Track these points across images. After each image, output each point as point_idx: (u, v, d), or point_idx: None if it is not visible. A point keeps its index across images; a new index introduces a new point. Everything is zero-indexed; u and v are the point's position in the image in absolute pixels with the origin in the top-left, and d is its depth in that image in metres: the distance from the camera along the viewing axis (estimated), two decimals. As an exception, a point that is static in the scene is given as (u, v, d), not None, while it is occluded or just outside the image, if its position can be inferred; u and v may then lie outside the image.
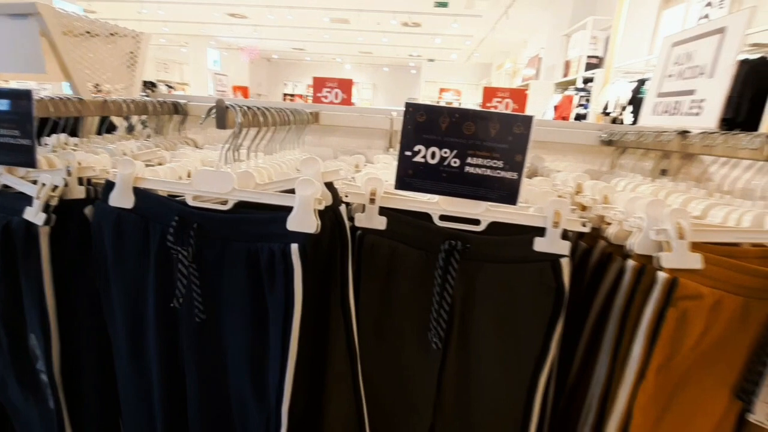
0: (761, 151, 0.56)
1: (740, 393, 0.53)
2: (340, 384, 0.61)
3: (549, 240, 0.55)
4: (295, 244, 0.54)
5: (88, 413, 0.74)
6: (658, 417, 0.54)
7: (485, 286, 0.57)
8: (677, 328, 0.50)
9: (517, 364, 0.60)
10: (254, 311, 0.59)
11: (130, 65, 1.22)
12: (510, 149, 0.55)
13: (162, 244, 0.60)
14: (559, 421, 0.64)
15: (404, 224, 0.59)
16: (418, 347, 0.61)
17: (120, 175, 0.60)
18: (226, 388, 0.63)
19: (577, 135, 1.02)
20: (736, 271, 0.49)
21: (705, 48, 0.98)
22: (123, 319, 0.65)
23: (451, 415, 0.62)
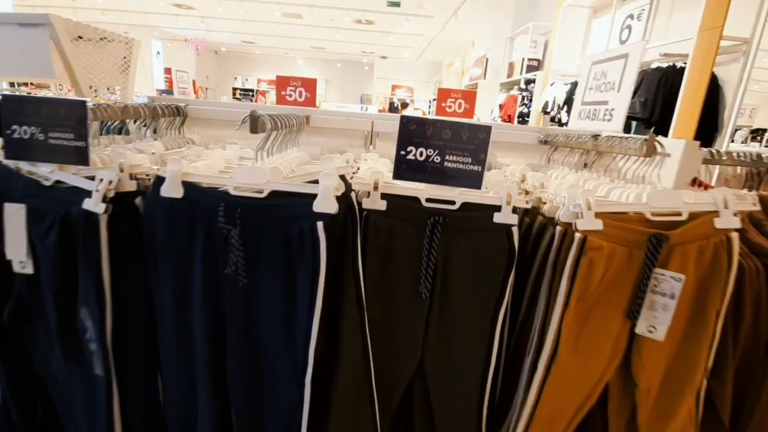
0: (641, 150, 0.82)
1: (630, 314, 0.78)
2: (351, 330, 0.80)
3: (504, 214, 0.78)
4: (321, 222, 0.72)
5: (133, 375, 0.86)
6: (578, 333, 0.78)
7: (459, 250, 0.79)
8: (587, 270, 0.74)
9: (483, 306, 0.82)
10: (286, 276, 0.76)
11: (124, 70, 1.31)
12: (476, 150, 0.76)
13: (209, 226, 0.75)
14: (514, 348, 0.88)
15: (400, 205, 0.78)
16: (411, 298, 0.81)
17: (170, 171, 0.74)
18: (261, 339, 0.79)
19: (522, 136, 1.27)
20: (623, 230, 0.74)
21: (614, 68, 1.26)
22: (170, 290, 0.79)
23: (435, 348, 0.83)
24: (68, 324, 0.83)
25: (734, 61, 3.49)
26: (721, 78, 3.60)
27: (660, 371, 0.80)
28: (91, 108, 0.76)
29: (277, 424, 0.82)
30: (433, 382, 0.86)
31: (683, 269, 0.74)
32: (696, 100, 3.52)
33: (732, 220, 0.74)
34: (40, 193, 0.78)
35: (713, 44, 3.35)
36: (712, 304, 0.76)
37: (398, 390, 0.86)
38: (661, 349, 0.78)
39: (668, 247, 0.74)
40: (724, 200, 0.74)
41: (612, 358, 0.80)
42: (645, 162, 0.95)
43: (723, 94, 3.62)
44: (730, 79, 3.52)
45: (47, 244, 0.77)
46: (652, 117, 3.92)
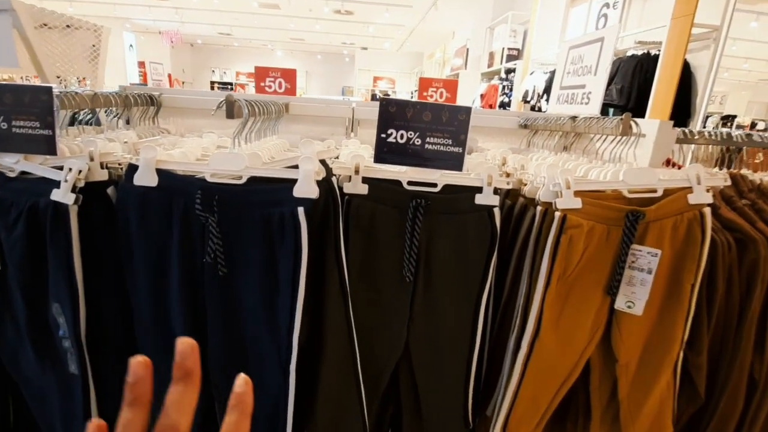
0: (617, 130, 0.84)
1: (609, 290, 0.80)
2: (335, 316, 0.80)
3: (485, 195, 0.78)
4: (302, 207, 0.70)
5: (110, 372, 0.84)
6: (559, 311, 0.79)
7: (442, 232, 0.79)
8: (567, 248, 0.75)
9: (466, 288, 0.82)
10: (267, 263, 0.74)
11: (93, 59, 1.25)
12: (456, 131, 0.76)
13: (185, 214, 0.73)
14: (498, 329, 0.89)
15: (381, 189, 0.78)
16: (394, 282, 0.81)
17: (144, 158, 0.71)
18: (243, 328, 0.78)
19: (502, 120, 1.28)
20: (601, 208, 0.75)
21: (591, 52, 1.27)
22: (146, 282, 0.77)
23: (420, 331, 0.84)
24: (39, 321, 0.80)
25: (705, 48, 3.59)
26: (693, 65, 3.70)
27: (639, 345, 0.82)
28: (57, 95, 0.73)
29: (263, 412, 0.81)
30: (418, 366, 0.86)
31: (659, 244, 0.76)
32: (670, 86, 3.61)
33: (704, 196, 0.76)
34: (5, 185, 0.74)
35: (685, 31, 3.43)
36: (687, 278, 0.78)
37: (384, 374, 0.86)
38: (640, 323, 0.80)
39: (644, 223, 0.76)
40: (696, 176, 0.76)
41: (593, 334, 0.82)
42: (621, 142, 0.96)
43: (695, 81, 3.72)
44: (701, 65, 3.62)
45: (14, 237, 0.74)
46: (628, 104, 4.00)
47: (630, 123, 0.84)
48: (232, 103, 0.75)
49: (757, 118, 4.34)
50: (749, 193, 0.96)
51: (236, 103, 0.75)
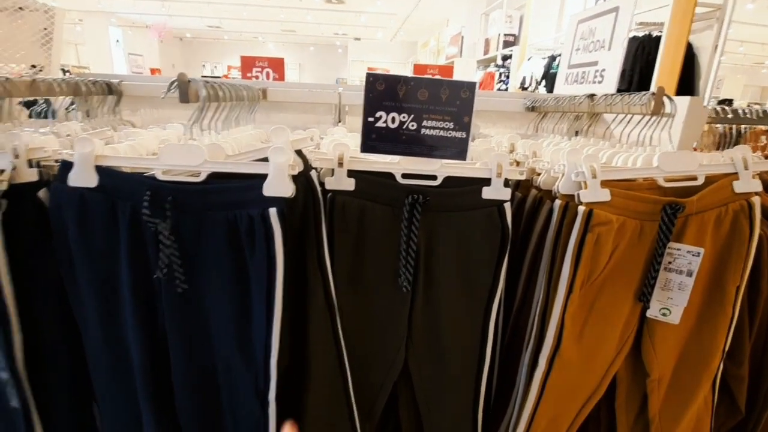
0: (648, 107, 0.71)
1: (641, 296, 0.68)
2: (320, 334, 0.68)
3: (494, 188, 0.66)
4: (274, 208, 0.58)
5: (58, 405, 0.72)
6: (583, 321, 0.68)
7: (444, 233, 0.67)
8: (594, 249, 0.63)
9: (474, 297, 0.70)
10: (236, 276, 0.62)
11: (45, 43, 1.11)
12: (458, 112, 0.63)
13: (133, 220, 0.60)
14: (509, 340, 0.77)
15: (370, 184, 0.65)
16: (390, 292, 0.69)
17: (79, 154, 0.58)
18: (211, 353, 0.66)
19: (506, 103, 1.15)
20: (633, 200, 0.63)
21: (603, 24, 1.14)
22: (93, 300, 0.65)
23: (421, 348, 0.72)
24: (-29, 349, 0.67)
25: (708, 28, 3.45)
26: (696, 46, 3.56)
27: (673, 358, 0.71)
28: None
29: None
30: (420, 386, 0.74)
31: (700, 241, 0.64)
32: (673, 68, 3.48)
33: (752, 183, 0.65)
34: None
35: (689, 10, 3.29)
36: (732, 280, 0.66)
37: (381, 398, 0.75)
38: (675, 333, 0.69)
39: (683, 217, 0.64)
40: (743, 160, 0.64)
41: (621, 347, 0.71)
42: (643, 124, 0.84)
43: (698, 62, 3.59)
44: (704, 46, 3.49)
45: (-71, 251, 0.61)
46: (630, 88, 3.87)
47: (662, 99, 0.72)
48: (185, 84, 0.62)
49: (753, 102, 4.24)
50: (791, 179, 0.84)
51: (190, 83, 0.62)
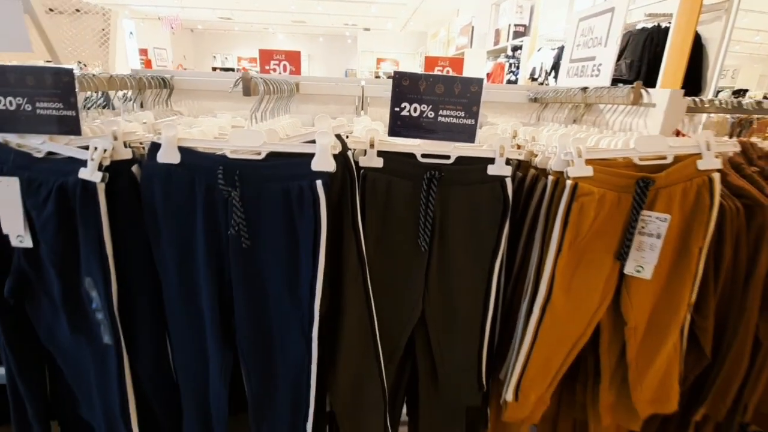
0: (628, 98, 0.84)
1: (619, 256, 0.82)
2: (354, 285, 0.83)
3: (498, 166, 0.80)
4: (320, 180, 0.73)
5: (140, 342, 0.88)
6: (570, 277, 0.82)
7: (456, 202, 0.81)
8: (579, 216, 0.77)
9: (480, 256, 0.85)
10: (288, 235, 0.77)
11: (103, 43, 1.27)
12: (469, 103, 0.77)
13: (207, 190, 0.76)
14: (510, 296, 0.92)
15: (396, 162, 0.80)
16: (410, 252, 0.83)
17: (166, 137, 0.74)
18: (267, 298, 0.82)
19: (511, 95, 1.28)
20: (612, 175, 0.77)
21: (601, 23, 1.26)
22: (173, 255, 0.80)
23: (435, 298, 0.87)
24: (72, 295, 0.84)
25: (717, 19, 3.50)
26: (704, 37, 3.61)
27: (647, 309, 0.85)
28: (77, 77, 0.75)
29: (287, 378, 0.86)
30: (434, 332, 0.89)
31: (668, 210, 0.78)
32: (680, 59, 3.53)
33: (713, 162, 0.77)
34: (32, 165, 0.77)
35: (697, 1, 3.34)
36: (695, 242, 0.80)
37: (402, 340, 0.90)
38: (648, 287, 0.83)
39: (654, 189, 0.77)
40: (706, 143, 0.77)
41: (603, 299, 0.85)
42: (631, 113, 0.97)
43: (706, 54, 3.64)
44: (712, 37, 3.54)
45: (44, 216, 0.77)
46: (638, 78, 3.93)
47: (641, 92, 0.85)
48: (248, 80, 0.77)
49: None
50: (759, 161, 0.96)
51: (252, 80, 0.77)
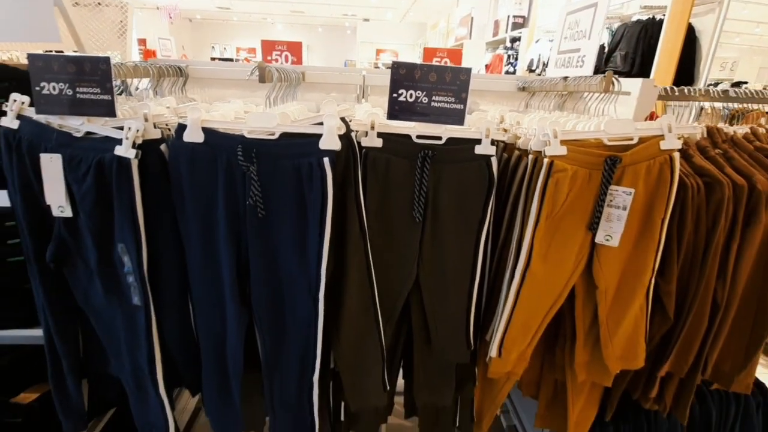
0: (600, 86, 0.94)
1: (590, 226, 0.92)
2: (356, 252, 0.93)
3: (484, 146, 0.90)
4: (327, 158, 0.83)
5: (166, 303, 0.99)
6: (547, 245, 0.92)
7: (446, 178, 0.91)
8: (554, 190, 0.87)
9: (468, 227, 0.95)
10: (298, 206, 0.88)
11: (121, 35, 1.36)
12: (458, 90, 0.87)
13: (228, 166, 0.86)
14: (496, 265, 1.03)
15: (394, 142, 0.90)
16: (406, 222, 0.94)
17: (191, 119, 0.84)
18: (279, 262, 0.92)
19: (502, 84, 1.38)
20: (583, 154, 0.87)
21: (586, 17, 1.36)
22: (196, 224, 0.91)
23: (428, 265, 0.98)
24: (107, 260, 0.94)
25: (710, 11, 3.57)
26: (698, 29, 3.69)
27: (616, 274, 0.96)
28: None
29: (296, 335, 0.97)
30: (427, 295, 1.00)
31: (634, 185, 0.88)
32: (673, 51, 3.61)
33: (675, 142, 0.88)
34: (73, 143, 0.87)
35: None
36: (658, 214, 0.90)
37: (398, 303, 1.01)
38: (616, 254, 0.93)
39: (621, 167, 0.88)
40: (668, 126, 0.87)
41: (576, 265, 0.95)
42: (610, 101, 1.07)
43: (699, 46, 3.71)
44: (706, 30, 3.61)
45: (84, 188, 0.88)
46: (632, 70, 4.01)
47: (612, 80, 0.95)
48: (263, 69, 0.86)
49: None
50: (723, 144, 1.07)
51: (267, 69, 0.87)
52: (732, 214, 0.96)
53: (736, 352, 1.07)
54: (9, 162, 0.89)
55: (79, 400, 1.11)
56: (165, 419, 1.07)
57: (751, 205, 0.96)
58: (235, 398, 1.05)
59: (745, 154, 1.04)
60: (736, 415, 1.31)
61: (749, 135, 1.10)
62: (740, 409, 1.31)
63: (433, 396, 1.15)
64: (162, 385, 1.03)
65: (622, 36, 4.06)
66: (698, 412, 1.30)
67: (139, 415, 1.10)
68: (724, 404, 1.30)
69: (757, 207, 0.96)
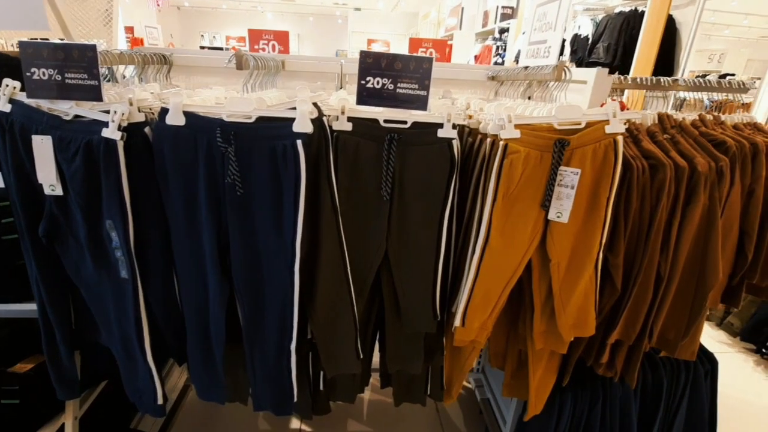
0: (552, 75, 1.02)
1: (543, 204, 1.01)
2: (329, 229, 1.01)
3: (446, 130, 0.98)
4: (300, 140, 0.90)
5: (152, 276, 1.06)
6: (504, 221, 1.01)
7: (412, 160, 0.99)
8: (509, 170, 0.95)
9: (432, 205, 1.03)
10: (274, 185, 0.95)
11: (107, 23, 1.40)
12: (421, 77, 0.95)
13: (208, 147, 0.93)
14: (462, 243, 1.11)
15: (363, 126, 0.97)
16: (375, 201, 1.02)
17: (173, 103, 0.90)
18: (257, 237, 1.00)
19: (473, 73, 1.45)
20: (535, 137, 0.95)
21: (552, 9, 1.43)
22: (180, 202, 0.98)
23: (396, 240, 1.06)
24: (95, 236, 1.01)
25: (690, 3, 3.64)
26: (678, 21, 3.77)
27: (567, 248, 1.05)
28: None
29: (274, 305, 1.05)
30: (396, 269, 1.09)
31: (581, 166, 0.97)
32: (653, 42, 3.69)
33: (619, 127, 0.96)
34: (63, 126, 0.93)
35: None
36: (604, 193, 0.99)
37: (369, 277, 1.09)
38: (567, 230, 1.02)
39: (570, 150, 0.96)
40: (613, 112, 0.96)
41: (532, 240, 1.04)
42: (573, 90, 1.15)
43: (680, 37, 3.79)
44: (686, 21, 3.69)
45: (74, 168, 0.94)
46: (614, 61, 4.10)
47: (563, 69, 1.02)
48: (240, 57, 0.93)
49: (756, 77, 4.15)
50: (671, 129, 1.16)
51: (244, 56, 0.93)
52: (674, 194, 1.05)
53: (679, 321, 1.17)
54: (2, 143, 0.95)
55: (72, 369, 1.18)
56: (153, 386, 1.15)
57: (692, 185, 1.06)
58: (218, 366, 1.13)
59: (690, 139, 1.13)
60: (686, 382, 1.43)
61: (697, 122, 1.19)
62: (690, 376, 1.42)
63: (403, 364, 1.25)
64: (150, 354, 1.10)
65: (605, 28, 4.14)
66: (651, 379, 1.41)
67: (129, 383, 1.17)
68: (675, 372, 1.42)
69: (697, 187, 1.05)
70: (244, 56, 0.93)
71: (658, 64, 3.56)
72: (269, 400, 1.19)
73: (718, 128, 1.16)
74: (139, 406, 1.21)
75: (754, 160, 1.07)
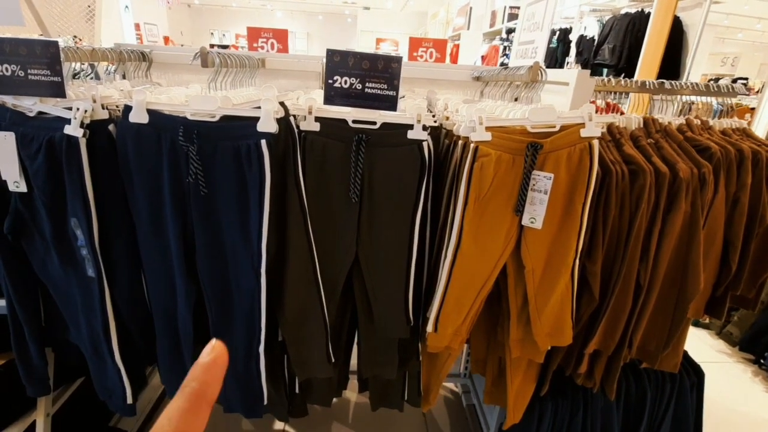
0: (527, 76, 0.99)
1: (516, 209, 0.98)
2: (297, 232, 0.99)
3: (416, 131, 0.95)
4: (264, 140, 0.88)
5: (119, 274, 1.05)
6: (477, 227, 0.98)
7: (381, 161, 0.96)
8: (480, 173, 0.92)
9: (402, 208, 1.01)
10: (239, 186, 0.93)
11: (89, 19, 1.40)
12: (390, 77, 0.92)
13: (172, 145, 0.91)
14: (437, 246, 1.08)
15: (331, 126, 0.95)
16: (344, 203, 0.99)
17: (136, 100, 0.89)
18: (223, 238, 0.98)
19: (457, 74, 1.42)
20: (507, 140, 0.92)
21: (539, 10, 1.40)
22: (144, 201, 0.96)
23: (366, 244, 1.03)
24: (61, 233, 1.00)
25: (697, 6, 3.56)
26: (685, 23, 3.68)
27: (542, 254, 1.01)
28: (62, 49, 0.89)
29: (241, 307, 1.03)
30: (367, 273, 1.06)
31: (555, 171, 0.93)
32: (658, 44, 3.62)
33: (594, 130, 0.93)
34: (26, 122, 0.93)
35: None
36: (579, 199, 0.95)
37: (340, 280, 1.07)
38: (542, 236, 0.99)
39: (544, 153, 0.93)
40: (589, 115, 0.92)
41: (506, 246, 1.01)
42: (557, 92, 1.11)
43: (686, 39, 3.71)
44: (693, 23, 3.61)
45: (36, 165, 0.93)
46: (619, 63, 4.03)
47: (539, 71, 0.99)
48: (205, 54, 0.91)
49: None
50: (656, 134, 1.12)
51: (208, 54, 0.91)
52: (654, 201, 1.01)
53: (660, 332, 1.13)
54: (-33, 139, 0.95)
55: (42, 366, 1.18)
56: (122, 386, 1.14)
57: (673, 192, 1.02)
58: (188, 367, 1.12)
59: (674, 143, 1.09)
60: (671, 394, 1.38)
61: (683, 126, 1.15)
62: (675, 388, 1.38)
63: (377, 369, 1.22)
64: (118, 353, 1.09)
65: (610, 29, 4.07)
66: (635, 390, 1.37)
67: (98, 381, 1.17)
68: (660, 383, 1.37)
69: (678, 194, 1.01)
70: (209, 54, 0.91)
71: (664, 66, 3.49)
72: (240, 403, 1.18)
73: (704, 133, 1.11)
74: (110, 405, 1.20)
75: (739, 167, 1.03)
